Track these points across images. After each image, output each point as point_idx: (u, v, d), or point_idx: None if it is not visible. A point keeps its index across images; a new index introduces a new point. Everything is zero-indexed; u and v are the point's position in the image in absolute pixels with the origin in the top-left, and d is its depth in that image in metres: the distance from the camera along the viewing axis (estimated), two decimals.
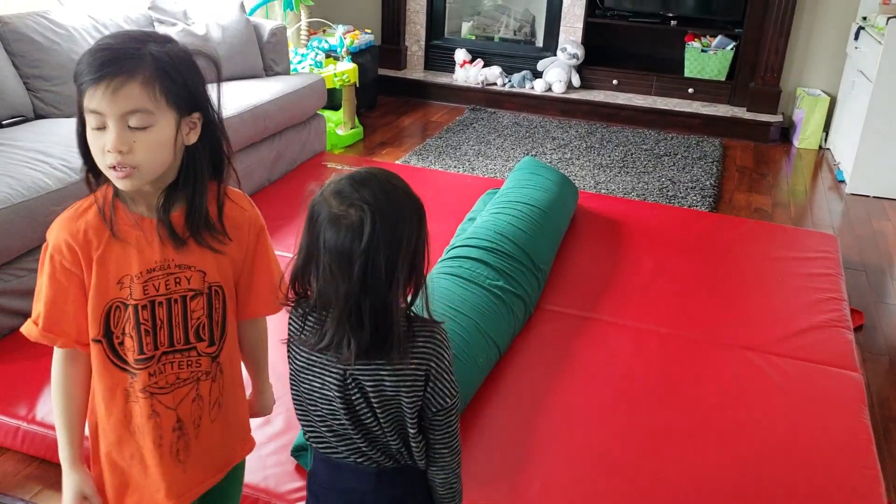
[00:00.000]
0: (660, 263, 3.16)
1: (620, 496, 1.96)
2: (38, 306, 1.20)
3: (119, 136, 1.09)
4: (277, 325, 1.34)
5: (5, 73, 3.08)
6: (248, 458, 1.94)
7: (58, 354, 1.24)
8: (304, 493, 1.88)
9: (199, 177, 1.19)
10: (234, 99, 3.54)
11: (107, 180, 1.16)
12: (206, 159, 1.20)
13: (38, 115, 3.20)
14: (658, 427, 2.22)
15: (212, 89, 1.20)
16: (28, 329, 1.22)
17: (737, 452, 2.13)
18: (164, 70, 1.11)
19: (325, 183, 1.14)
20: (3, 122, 3.02)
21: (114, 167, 1.11)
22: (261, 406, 1.48)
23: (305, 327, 1.17)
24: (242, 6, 4.03)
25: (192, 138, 1.18)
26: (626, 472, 2.04)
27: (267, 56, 4.08)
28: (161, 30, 3.76)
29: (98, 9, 3.58)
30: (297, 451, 1.97)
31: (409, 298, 1.17)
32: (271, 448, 2.02)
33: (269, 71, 4.08)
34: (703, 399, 2.36)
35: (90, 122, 1.11)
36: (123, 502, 1.28)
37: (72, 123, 3.56)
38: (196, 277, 1.21)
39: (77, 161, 2.98)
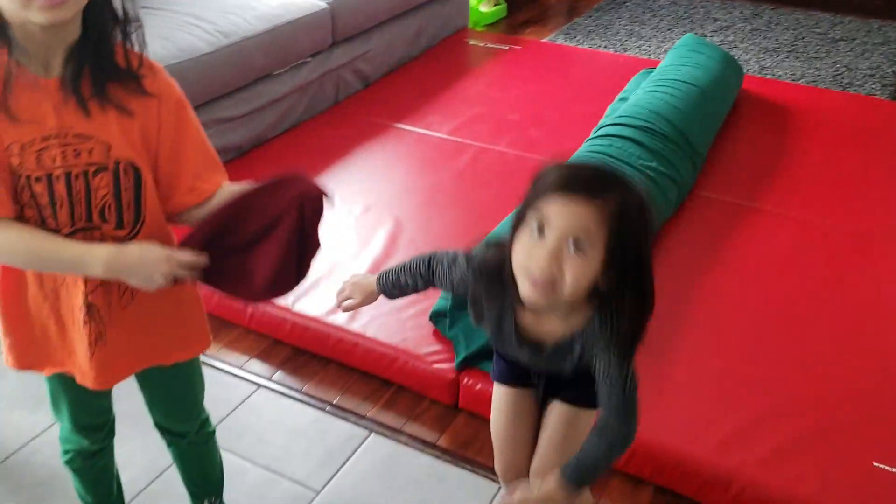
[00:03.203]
0: (829, 153, 2.88)
1: (770, 388, 1.84)
2: None
3: None
4: None
5: None
6: (389, 320, 1.99)
7: None
8: (441, 356, 1.88)
9: (105, 27, 1.05)
10: None
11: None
12: (109, 10, 1.06)
13: None
14: (817, 322, 2.06)
15: None
16: None
17: None
18: None
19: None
20: None
21: None
22: None
23: None
24: None
25: None
26: (778, 367, 1.91)
27: None
28: None
29: None
30: (436, 316, 1.95)
31: None
32: (411, 312, 2.01)
33: None
34: (870, 295, 2.16)
35: None
36: (44, 360, 1.20)
37: None
38: (98, 150, 1.06)
39: (228, 26, 2.96)
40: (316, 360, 2.03)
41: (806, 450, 1.68)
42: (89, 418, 1.31)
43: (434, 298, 1.99)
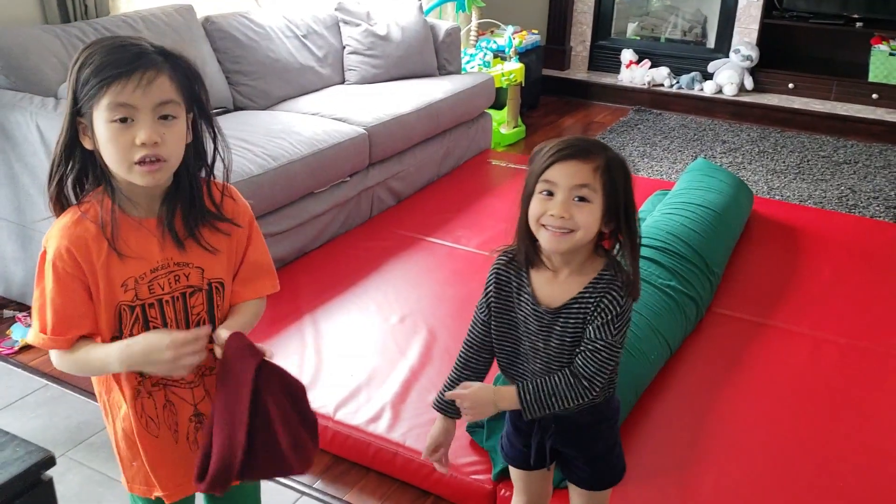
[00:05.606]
0: (839, 272, 3.03)
1: (793, 498, 1.92)
2: (45, 315, 1.16)
3: (153, 128, 1.08)
4: None
5: (211, 68, 3.37)
6: (427, 430, 2.03)
7: (67, 349, 1.18)
8: (478, 467, 1.98)
9: (193, 175, 1.20)
10: (411, 96, 3.70)
11: (101, 188, 1.16)
12: (192, 156, 1.20)
13: (237, 107, 3.49)
14: (832, 435, 2.15)
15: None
16: (37, 339, 1.18)
17: None
18: (178, 65, 1.13)
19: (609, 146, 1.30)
20: None
21: (141, 162, 1.09)
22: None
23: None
24: (421, 8, 4.20)
25: (189, 137, 1.18)
26: (799, 477, 1.99)
27: (441, 55, 4.23)
28: (346, 30, 4.00)
29: (291, 10, 3.85)
30: (472, 428, 2.05)
31: None
32: None
33: (441, 70, 4.23)
34: (883, 412, 2.26)
35: (113, 115, 1.07)
36: (152, 485, 1.32)
37: (269, 115, 3.80)
38: (195, 274, 1.22)
39: (275, 150, 3.16)
40: (356, 468, 2.11)
41: None
42: None
43: None
